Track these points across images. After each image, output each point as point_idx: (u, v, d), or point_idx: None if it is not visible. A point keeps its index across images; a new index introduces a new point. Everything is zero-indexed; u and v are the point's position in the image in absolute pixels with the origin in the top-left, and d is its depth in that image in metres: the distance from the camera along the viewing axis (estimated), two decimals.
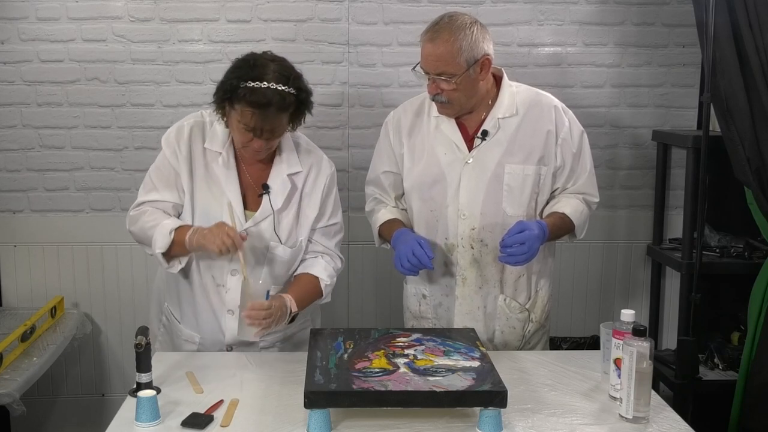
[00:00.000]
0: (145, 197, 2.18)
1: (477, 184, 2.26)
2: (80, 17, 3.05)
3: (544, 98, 2.32)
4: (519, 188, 2.26)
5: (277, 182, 2.18)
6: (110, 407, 3.21)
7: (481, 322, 2.33)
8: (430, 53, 2.17)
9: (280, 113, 2.02)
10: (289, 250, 2.20)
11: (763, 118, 2.54)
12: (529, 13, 3.15)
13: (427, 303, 2.40)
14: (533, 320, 2.38)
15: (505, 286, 2.33)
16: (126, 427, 1.77)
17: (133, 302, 3.23)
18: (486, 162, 2.26)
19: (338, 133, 3.17)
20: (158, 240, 2.09)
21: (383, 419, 1.76)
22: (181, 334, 2.28)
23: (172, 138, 2.17)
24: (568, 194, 2.34)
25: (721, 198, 3.15)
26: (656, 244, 3.28)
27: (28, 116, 3.11)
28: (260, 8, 3.09)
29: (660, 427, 1.79)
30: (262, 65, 2.04)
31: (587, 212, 2.34)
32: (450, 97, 2.19)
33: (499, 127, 2.26)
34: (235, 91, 2.00)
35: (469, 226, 2.28)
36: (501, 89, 2.29)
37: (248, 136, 2.05)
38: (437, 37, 2.15)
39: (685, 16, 3.12)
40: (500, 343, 2.35)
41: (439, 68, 2.16)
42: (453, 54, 2.13)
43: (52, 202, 3.17)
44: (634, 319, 1.88)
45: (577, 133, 2.31)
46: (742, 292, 2.94)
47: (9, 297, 3.21)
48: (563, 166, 2.30)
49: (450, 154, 2.28)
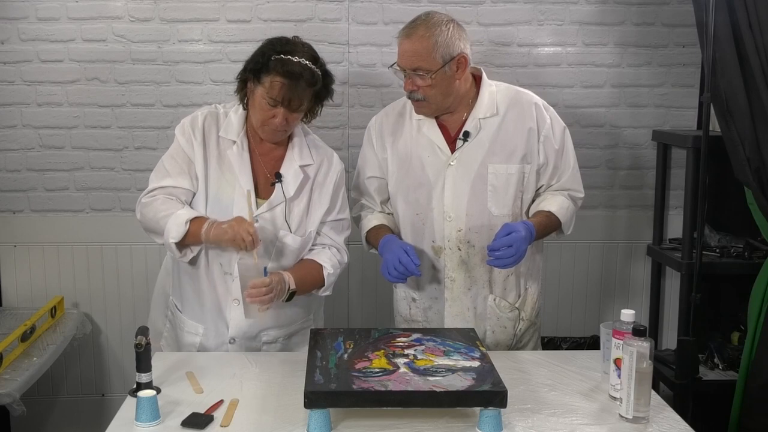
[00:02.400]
0: (158, 183, 2.18)
1: (461, 185, 2.27)
2: (80, 17, 3.05)
3: (524, 96, 2.32)
4: (503, 188, 2.27)
5: (290, 171, 2.20)
6: (110, 407, 3.21)
7: (471, 322, 2.33)
8: (406, 49, 2.18)
9: (308, 88, 2.07)
10: (298, 239, 2.21)
11: (763, 118, 2.54)
12: (529, 13, 3.15)
13: (417, 306, 2.40)
14: (524, 318, 2.38)
15: (494, 286, 2.33)
16: (126, 427, 1.77)
17: (133, 302, 3.23)
18: (469, 163, 2.26)
19: (338, 133, 3.17)
20: (172, 230, 2.09)
21: (383, 419, 1.76)
22: (184, 326, 2.28)
23: (187, 126, 2.19)
24: (552, 191, 2.34)
25: (721, 198, 3.15)
26: (656, 244, 3.28)
27: (28, 116, 3.11)
28: (260, 8, 3.09)
29: (660, 427, 1.79)
30: (293, 44, 2.10)
31: (573, 208, 2.35)
32: (426, 94, 2.19)
33: (480, 128, 2.27)
34: (267, 63, 2.04)
35: (456, 228, 2.28)
36: (480, 89, 2.29)
37: (271, 112, 2.08)
38: (413, 33, 2.17)
39: (685, 16, 3.12)
40: (492, 343, 2.35)
41: (414, 63, 2.17)
42: (428, 49, 2.14)
43: (52, 202, 3.17)
44: (634, 319, 1.88)
45: (559, 129, 2.31)
46: (742, 292, 2.94)
47: (9, 297, 3.21)
48: (546, 163, 2.30)
49: (433, 157, 2.29)
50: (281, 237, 2.19)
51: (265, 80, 2.06)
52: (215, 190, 2.17)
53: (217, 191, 2.17)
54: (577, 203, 2.38)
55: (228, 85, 2.98)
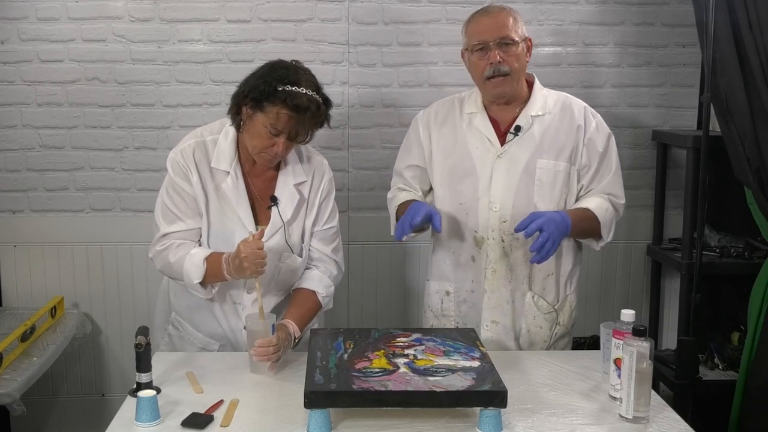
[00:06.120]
0: (170, 228, 2.15)
1: (509, 177, 2.27)
2: (80, 17, 3.05)
3: (575, 100, 2.37)
4: (551, 183, 2.27)
5: (285, 193, 2.18)
6: (110, 407, 3.21)
7: (508, 317, 2.32)
8: (489, 23, 2.24)
9: (313, 119, 2.05)
10: (299, 259, 2.22)
11: (763, 118, 2.54)
12: (529, 13, 3.15)
13: (451, 300, 2.39)
14: (561, 323, 2.37)
15: (534, 283, 2.33)
16: (126, 427, 1.77)
17: (133, 302, 3.23)
18: (518, 156, 2.27)
19: (338, 133, 3.16)
20: (191, 271, 2.09)
21: (383, 419, 1.76)
22: (196, 341, 2.28)
23: (181, 163, 2.14)
24: (592, 194, 2.34)
25: (721, 198, 3.15)
26: (656, 244, 3.28)
27: (28, 116, 3.11)
28: (260, 8, 3.09)
29: (660, 427, 1.79)
30: (296, 71, 2.06)
31: (612, 211, 2.32)
32: (512, 67, 2.22)
33: (532, 123, 2.29)
34: (273, 94, 2.00)
35: (500, 218, 2.28)
36: (533, 89, 2.34)
37: (271, 141, 2.05)
38: (490, 11, 2.27)
39: (685, 16, 3.12)
40: (525, 343, 2.34)
41: (502, 32, 2.22)
42: (512, 22, 2.24)
43: (52, 202, 3.17)
44: (634, 319, 1.88)
45: (605, 134, 2.33)
46: (742, 292, 2.94)
47: (9, 297, 3.21)
48: (589, 165, 2.31)
49: (482, 149, 2.30)
50: (284, 259, 2.19)
51: (270, 110, 2.01)
52: (217, 225, 2.16)
53: (218, 225, 2.16)
54: (618, 209, 2.35)
55: (228, 85, 2.99)
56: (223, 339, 2.26)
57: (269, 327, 2.03)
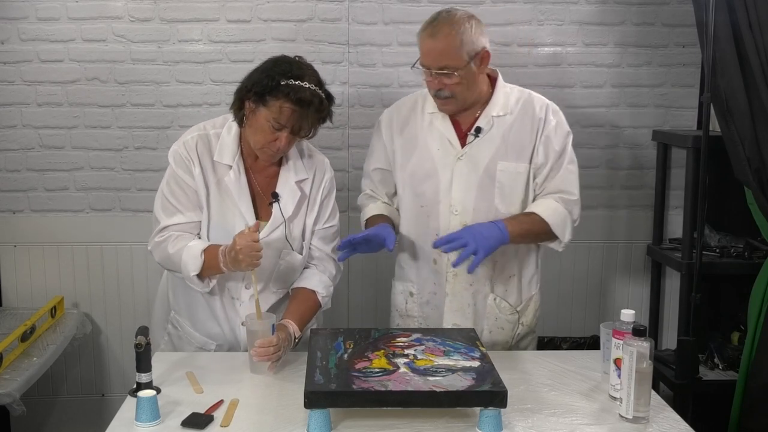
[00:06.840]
0: (169, 221, 2.15)
1: (469, 180, 2.26)
2: (80, 17, 3.05)
3: (537, 98, 2.32)
4: (511, 186, 2.26)
5: (286, 190, 2.18)
6: (110, 407, 3.21)
7: (470, 320, 2.33)
8: (431, 48, 2.17)
9: (316, 114, 2.05)
10: (299, 256, 2.22)
11: (763, 118, 2.54)
12: (529, 13, 3.15)
13: (414, 301, 2.40)
14: (524, 324, 2.38)
15: (495, 285, 2.33)
16: (126, 427, 1.77)
17: (133, 302, 3.23)
18: (478, 158, 2.26)
19: (338, 133, 3.16)
20: (189, 263, 2.08)
21: (383, 419, 1.76)
22: (193, 340, 2.28)
23: (183, 153, 2.15)
24: (543, 195, 2.30)
25: (721, 198, 3.15)
26: (656, 244, 3.28)
27: (28, 116, 3.11)
28: (260, 8, 3.09)
29: (660, 427, 1.79)
30: (300, 66, 2.07)
31: (563, 211, 2.26)
32: (453, 91, 2.20)
33: (492, 125, 2.27)
34: (277, 88, 2.01)
35: (461, 221, 2.27)
36: (496, 88, 2.30)
37: (274, 136, 2.06)
38: (437, 32, 2.16)
39: (685, 16, 3.12)
40: (488, 343, 2.34)
41: (441, 62, 2.16)
42: (455, 47, 2.14)
43: (52, 202, 3.17)
44: (634, 319, 1.88)
45: (562, 133, 2.30)
46: (742, 292, 2.94)
47: (9, 297, 3.21)
48: (544, 163, 2.28)
49: (442, 150, 2.29)
50: (284, 255, 2.19)
51: (273, 104, 2.02)
52: (217, 219, 2.16)
53: (219, 218, 2.16)
54: (571, 208, 2.28)
55: (228, 85, 2.99)
56: (220, 338, 2.26)
57: (269, 327, 2.02)
